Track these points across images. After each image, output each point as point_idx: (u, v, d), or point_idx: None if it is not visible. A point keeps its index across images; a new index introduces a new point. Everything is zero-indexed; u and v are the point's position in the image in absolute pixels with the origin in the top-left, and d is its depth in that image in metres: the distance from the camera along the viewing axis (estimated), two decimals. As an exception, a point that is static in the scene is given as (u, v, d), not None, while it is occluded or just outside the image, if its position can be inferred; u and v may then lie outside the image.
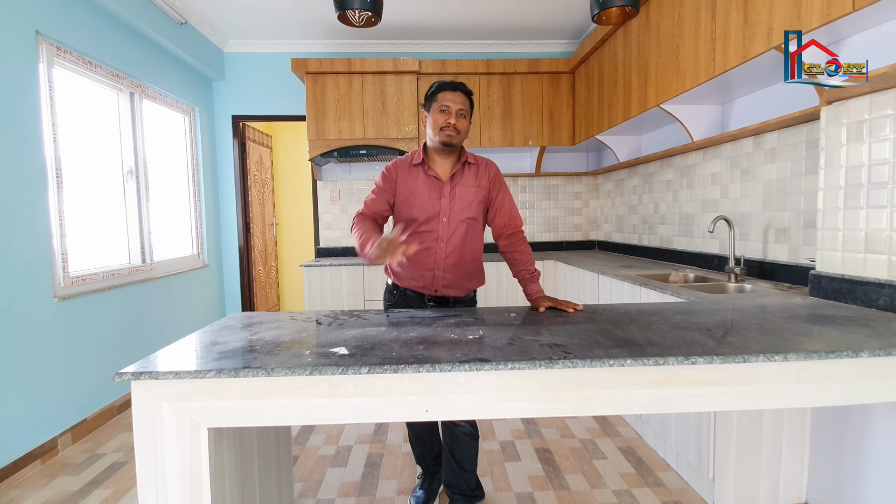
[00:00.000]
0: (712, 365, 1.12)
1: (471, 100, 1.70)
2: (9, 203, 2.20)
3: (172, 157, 3.73)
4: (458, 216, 1.71)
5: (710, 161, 2.72)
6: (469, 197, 1.72)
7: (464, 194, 1.72)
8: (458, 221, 1.72)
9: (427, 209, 1.70)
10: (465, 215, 1.72)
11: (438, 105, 1.66)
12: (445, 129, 1.64)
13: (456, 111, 1.64)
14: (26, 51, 2.32)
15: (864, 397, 1.19)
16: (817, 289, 1.81)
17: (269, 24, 3.81)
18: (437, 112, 1.66)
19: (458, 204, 1.71)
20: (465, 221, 1.73)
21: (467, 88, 1.69)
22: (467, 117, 1.68)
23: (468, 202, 1.72)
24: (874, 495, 1.61)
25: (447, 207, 1.71)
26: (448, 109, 1.64)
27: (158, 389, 1.08)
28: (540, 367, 1.10)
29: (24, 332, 2.27)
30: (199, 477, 1.11)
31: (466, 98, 1.68)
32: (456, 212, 1.71)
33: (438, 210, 1.71)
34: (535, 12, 3.65)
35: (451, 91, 1.65)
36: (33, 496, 2.06)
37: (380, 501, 1.96)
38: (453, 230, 1.72)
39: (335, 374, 1.08)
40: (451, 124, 1.64)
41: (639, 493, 1.98)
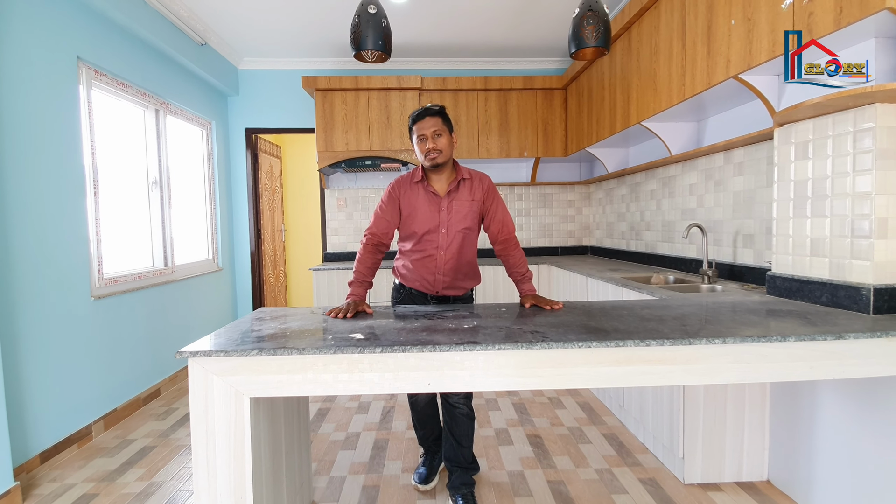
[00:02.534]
0: (664, 347, 1.36)
1: (443, 115, 1.86)
2: (53, 211, 2.46)
3: (191, 168, 3.99)
4: (455, 227, 1.94)
5: (688, 173, 2.97)
6: (465, 209, 1.94)
7: (460, 207, 1.94)
8: (456, 231, 1.94)
9: (428, 222, 1.93)
10: (461, 226, 1.94)
11: (416, 136, 1.87)
12: (428, 154, 1.85)
13: (431, 135, 1.83)
14: (69, 74, 2.59)
15: (793, 375, 1.43)
16: (773, 288, 2.05)
17: (281, 43, 4.09)
18: (418, 142, 1.87)
19: (454, 216, 1.94)
20: (462, 231, 1.95)
21: (434, 109, 1.86)
22: (445, 134, 1.85)
23: (464, 214, 1.94)
24: (823, 472, 1.84)
25: (445, 220, 1.93)
26: (424, 136, 1.84)
27: (210, 365, 1.33)
28: (521, 348, 1.34)
29: (64, 328, 2.51)
30: (242, 438, 1.35)
31: (437, 117, 1.85)
32: (453, 223, 1.94)
33: (438, 223, 1.93)
34: (528, 33, 3.92)
35: (420, 120, 1.85)
36: (74, 475, 2.29)
37: (387, 478, 2.20)
38: (451, 239, 1.95)
39: (354, 354, 1.33)
40: (430, 148, 1.84)
41: (618, 471, 2.21)
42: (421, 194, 1.95)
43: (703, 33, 2.22)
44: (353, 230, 4.61)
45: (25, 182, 2.29)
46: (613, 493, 2.03)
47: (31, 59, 2.34)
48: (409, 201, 1.96)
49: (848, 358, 1.43)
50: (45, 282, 2.40)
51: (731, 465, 2.11)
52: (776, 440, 2.08)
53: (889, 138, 1.63)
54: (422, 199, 1.95)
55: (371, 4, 1.76)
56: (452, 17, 3.58)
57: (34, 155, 2.35)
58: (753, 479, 2.11)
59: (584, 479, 2.16)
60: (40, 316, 2.36)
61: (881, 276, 1.65)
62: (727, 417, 2.09)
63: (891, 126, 1.63)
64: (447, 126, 1.88)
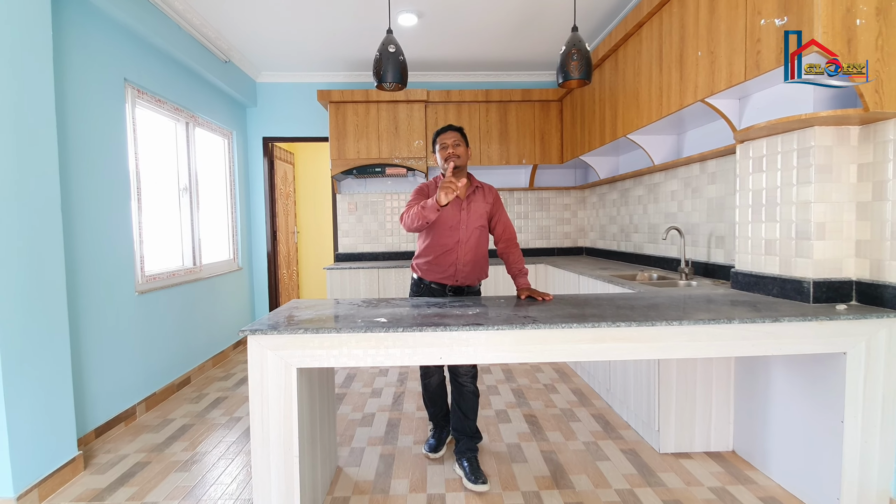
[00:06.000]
0: (630, 328, 1.68)
1: (461, 132, 2.28)
2: (106, 216, 2.79)
3: (214, 175, 4.32)
4: (472, 224, 2.31)
5: (670, 181, 3.29)
6: (480, 210, 2.32)
7: (476, 208, 2.32)
8: (473, 228, 2.31)
9: (451, 219, 2.29)
10: (477, 224, 2.32)
11: (439, 146, 2.27)
12: (449, 158, 2.24)
13: (451, 143, 2.24)
14: (117, 94, 2.92)
15: (739, 352, 1.74)
16: (736, 282, 2.36)
17: (297, 59, 4.42)
18: (440, 150, 2.27)
19: (472, 215, 2.31)
20: (478, 228, 2.33)
21: (456, 127, 2.31)
22: (462, 145, 2.26)
23: (479, 214, 2.32)
24: (777, 441, 2.15)
25: (465, 218, 2.30)
26: (446, 145, 2.25)
27: (265, 342, 1.65)
28: (515, 329, 1.66)
29: (113, 319, 2.84)
30: (291, 401, 1.67)
31: (457, 133, 2.27)
32: (471, 221, 2.31)
33: (459, 220, 2.30)
34: (526, 49, 4.24)
35: (444, 133, 2.28)
36: (126, 447, 2.62)
37: (400, 449, 2.52)
38: (470, 234, 2.31)
39: (380, 333, 1.65)
40: (450, 153, 2.23)
41: (603, 444, 2.53)
42: None
43: (677, 61, 2.54)
44: (363, 232, 4.94)
45: (85, 191, 2.62)
46: (597, 461, 2.35)
47: (87, 82, 2.67)
48: None
49: (784, 338, 1.74)
50: (100, 278, 2.72)
51: (700, 437, 2.42)
52: (739, 415, 2.39)
53: (825, 156, 1.95)
54: None
55: (391, 44, 2.08)
56: (456, 35, 3.91)
57: (91, 166, 2.67)
58: (720, 449, 2.42)
59: (572, 449, 2.47)
60: (97, 309, 2.69)
61: (819, 272, 1.97)
62: (697, 395, 2.40)
63: (827, 145, 1.94)
64: (464, 140, 2.29)
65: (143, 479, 2.27)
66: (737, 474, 2.20)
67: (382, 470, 2.31)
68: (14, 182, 2.00)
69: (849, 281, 1.96)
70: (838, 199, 1.96)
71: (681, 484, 2.13)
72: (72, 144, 2.54)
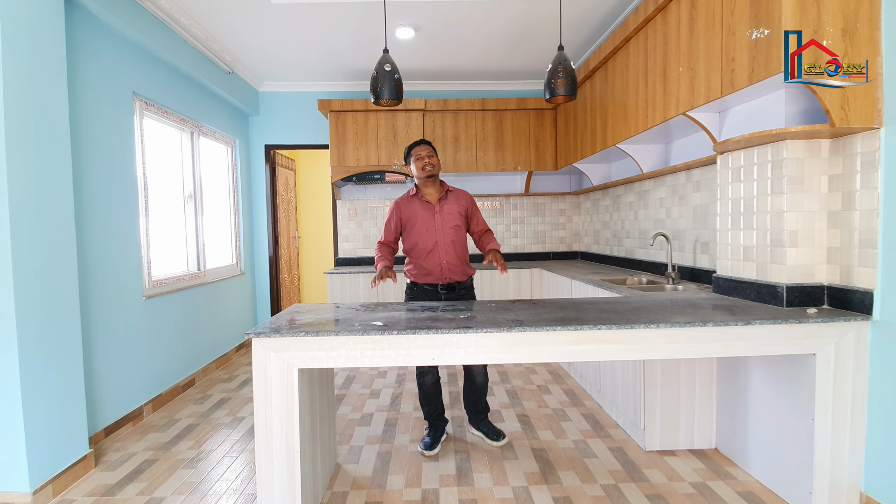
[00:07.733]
0: (611, 330, 1.79)
1: (432, 145, 2.58)
2: (115, 223, 2.90)
3: (218, 182, 4.44)
4: (447, 225, 2.56)
5: (658, 188, 3.41)
6: (453, 211, 2.58)
7: (449, 210, 2.57)
8: (448, 228, 2.56)
9: (426, 224, 2.54)
10: (451, 224, 2.56)
11: (414, 157, 2.55)
12: (425, 167, 2.51)
13: (426, 155, 2.53)
14: (126, 107, 3.04)
15: (714, 353, 1.85)
16: (717, 287, 2.47)
17: (298, 69, 4.54)
18: (416, 160, 2.54)
19: (446, 217, 2.56)
20: (452, 228, 2.57)
21: (426, 140, 2.60)
22: (435, 156, 2.55)
23: (453, 215, 2.57)
24: (756, 439, 2.26)
25: (439, 221, 2.55)
26: (421, 156, 2.52)
27: (269, 344, 1.76)
28: (503, 331, 1.77)
29: (122, 324, 2.95)
30: (292, 400, 1.78)
31: (429, 146, 2.56)
32: (445, 222, 2.55)
33: (434, 224, 2.53)
34: (521, 59, 4.36)
35: (417, 146, 2.56)
36: (134, 445, 2.73)
37: (397, 446, 2.62)
38: (446, 233, 2.55)
39: (376, 335, 1.76)
40: (427, 162, 2.51)
41: (591, 441, 2.63)
42: (417, 204, 2.58)
43: (661, 75, 2.66)
44: (363, 237, 5.05)
45: (96, 200, 2.74)
46: (585, 458, 2.45)
47: (98, 96, 2.79)
48: (409, 211, 2.58)
49: (756, 340, 1.85)
50: (110, 284, 2.84)
51: (684, 436, 2.53)
52: (721, 414, 2.50)
53: (797, 168, 2.06)
54: (418, 207, 2.57)
55: (387, 63, 2.20)
56: (453, 47, 4.03)
57: (101, 177, 2.79)
58: (703, 446, 2.52)
59: (562, 447, 2.58)
60: (107, 315, 2.80)
61: (792, 277, 2.08)
62: (681, 395, 2.51)
63: (799, 158, 2.06)
64: (435, 152, 2.60)
65: (151, 475, 2.38)
66: (717, 470, 2.30)
67: (380, 466, 2.42)
68: (35, 198, 2.12)
69: (821, 286, 2.07)
70: (810, 208, 2.07)
71: (663, 479, 2.24)
72: (84, 156, 2.66)
